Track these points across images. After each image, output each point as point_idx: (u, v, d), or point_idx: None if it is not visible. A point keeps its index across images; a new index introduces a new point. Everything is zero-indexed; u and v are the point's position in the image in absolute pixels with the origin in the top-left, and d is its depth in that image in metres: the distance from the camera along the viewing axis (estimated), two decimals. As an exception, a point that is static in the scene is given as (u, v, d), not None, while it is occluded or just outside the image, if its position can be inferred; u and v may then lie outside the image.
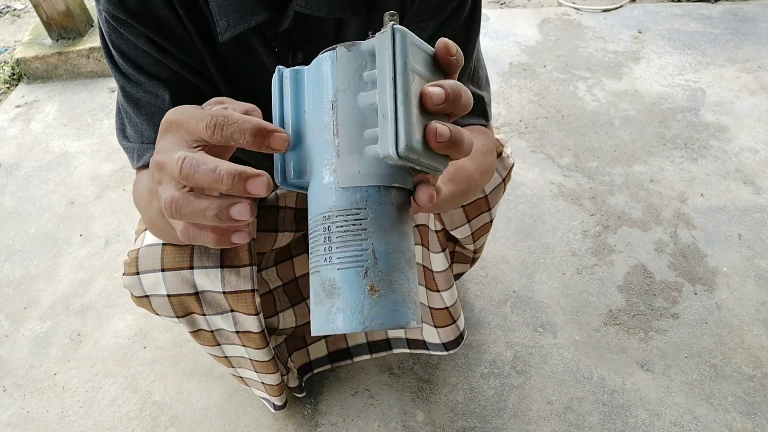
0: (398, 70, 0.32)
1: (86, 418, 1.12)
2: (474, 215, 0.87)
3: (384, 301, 0.33)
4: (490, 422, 1.06)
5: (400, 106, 0.32)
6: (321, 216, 0.35)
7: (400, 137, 0.32)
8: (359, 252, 0.33)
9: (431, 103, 0.33)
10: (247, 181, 0.32)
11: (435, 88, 0.33)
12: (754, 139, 1.66)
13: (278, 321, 0.92)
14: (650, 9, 2.33)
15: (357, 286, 0.33)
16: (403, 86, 0.32)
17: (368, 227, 0.34)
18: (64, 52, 2.14)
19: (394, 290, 0.34)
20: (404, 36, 0.32)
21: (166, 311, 0.74)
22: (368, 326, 0.33)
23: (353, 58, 0.34)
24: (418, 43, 0.34)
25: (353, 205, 0.34)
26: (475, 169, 0.64)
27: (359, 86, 0.34)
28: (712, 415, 1.04)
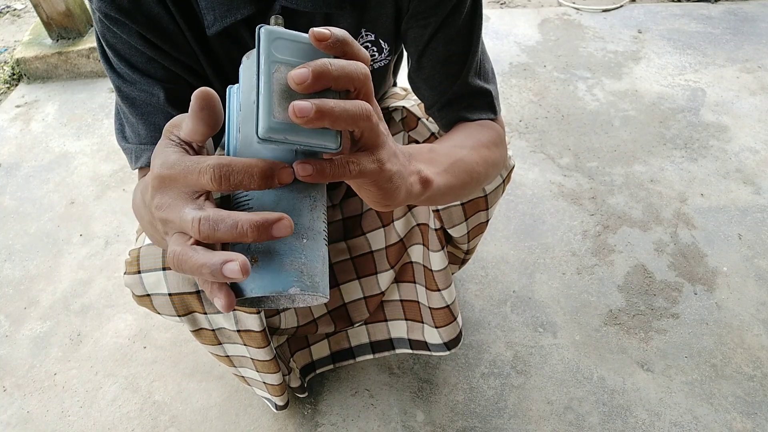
0: (261, 63, 0.35)
1: (86, 418, 1.12)
2: (471, 213, 0.87)
3: (262, 270, 0.37)
4: (490, 422, 1.06)
5: (261, 94, 0.35)
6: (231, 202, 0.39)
7: (260, 121, 0.34)
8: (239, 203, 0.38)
9: (294, 84, 0.34)
10: (272, 227, 0.33)
11: (297, 69, 0.34)
12: (754, 139, 1.66)
13: (280, 320, 0.92)
14: (650, 9, 2.33)
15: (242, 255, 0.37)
16: (264, 76, 0.35)
17: (254, 206, 0.37)
18: (64, 52, 2.14)
19: (273, 260, 0.37)
20: (268, 33, 0.35)
21: (168, 310, 0.74)
22: (248, 292, 0.37)
23: (250, 64, 0.37)
24: (290, 37, 0.36)
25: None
26: (476, 162, 0.64)
27: (252, 86, 0.37)
28: (712, 415, 1.04)
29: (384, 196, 0.43)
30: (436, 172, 0.53)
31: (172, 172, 0.35)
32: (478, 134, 0.69)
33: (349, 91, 0.37)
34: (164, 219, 0.36)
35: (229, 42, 0.65)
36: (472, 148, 0.64)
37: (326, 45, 0.35)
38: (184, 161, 0.35)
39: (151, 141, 0.65)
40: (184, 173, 0.34)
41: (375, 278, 0.95)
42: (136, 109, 0.64)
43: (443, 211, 0.85)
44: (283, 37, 0.36)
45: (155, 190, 0.36)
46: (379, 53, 0.72)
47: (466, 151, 0.63)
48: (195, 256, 0.34)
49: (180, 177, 0.35)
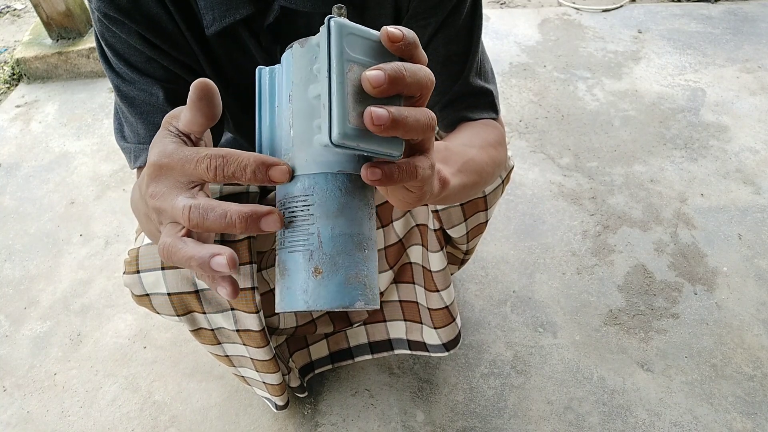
0: (333, 61, 0.32)
1: (86, 418, 1.12)
2: (471, 213, 0.87)
3: (327, 282, 0.35)
4: (490, 422, 1.06)
5: (334, 95, 0.32)
6: (278, 203, 0.37)
7: (333, 125, 0.32)
8: (306, 236, 0.35)
9: (369, 87, 0.33)
10: (260, 220, 0.33)
11: (372, 71, 0.33)
12: (754, 139, 1.66)
13: (278, 320, 0.92)
14: (650, 9, 2.33)
15: (302, 267, 0.36)
16: (337, 76, 0.32)
17: (315, 212, 0.35)
18: (64, 52, 2.14)
19: (338, 272, 0.35)
20: (340, 27, 0.33)
21: (167, 310, 0.74)
22: (311, 305, 0.35)
23: (305, 53, 0.35)
24: (360, 33, 0.34)
25: (302, 192, 0.36)
26: (486, 161, 0.64)
27: (310, 79, 0.35)
28: (712, 415, 1.04)
29: (420, 198, 0.42)
30: (452, 172, 0.53)
31: (169, 161, 0.35)
32: (484, 133, 0.69)
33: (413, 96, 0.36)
34: (158, 208, 0.36)
35: (229, 42, 0.65)
36: (481, 148, 0.65)
37: (398, 47, 0.34)
38: (181, 151, 0.35)
39: (149, 140, 0.65)
40: (181, 162, 0.34)
41: None
42: (135, 109, 0.64)
43: (442, 211, 0.85)
44: (354, 32, 0.33)
45: (150, 179, 0.36)
46: None
47: (476, 151, 0.63)
48: (184, 248, 0.34)
49: (177, 166, 0.34)
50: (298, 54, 0.35)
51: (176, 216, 0.34)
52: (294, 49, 0.36)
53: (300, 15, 0.64)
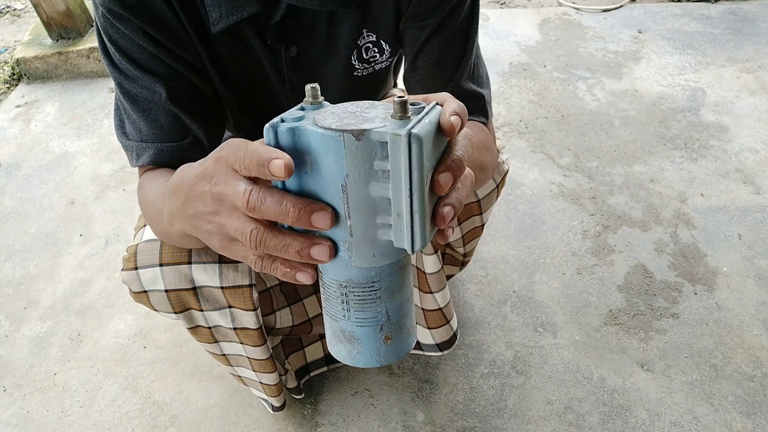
0: (414, 181, 0.32)
1: (86, 418, 1.12)
2: (465, 218, 0.87)
3: (396, 343, 0.39)
4: (490, 422, 1.06)
5: (416, 214, 0.33)
6: (337, 282, 0.37)
7: (416, 239, 0.34)
8: (374, 314, 0.38)
9: (441, 190, 0.34)
10: (312, 214, 0.33)
11: (444, 175, 0.34)
12: (754, 139, 1.66)
13: (275, 320, 0.92)
14: (650, 9, 2.33)
15: (374, 338, 0.39)
16: (419, 195, 0.32)
17: (382, 295, 0.38)
18: (64, 52, 2.14)
19: (403, 332, 0.40)
20: (420, 143, 0.31)
21: (164, 307, 0.74)
22: (383, 363, 0.39)
23: (363, 148, 0.32)
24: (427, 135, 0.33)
25: (369, 280, 0.37)
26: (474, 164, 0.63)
27: (370, 175, 0.33)
28: (712, 415, 1.04)
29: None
30: None
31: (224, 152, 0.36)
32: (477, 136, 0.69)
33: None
34: (218, 193, 0.36)
35: (232, 40, 0.65)
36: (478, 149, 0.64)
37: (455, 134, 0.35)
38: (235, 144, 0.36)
39: (152, 138, 0.65)
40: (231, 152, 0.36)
41: None
42: (137, 106, 0.64)
43: None
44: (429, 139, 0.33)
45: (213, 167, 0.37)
46: (380, 54, 0.72)
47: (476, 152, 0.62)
48: (280, 235, 0.35)
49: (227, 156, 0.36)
50: (354, 147, 0.32)
51: (235, 199, 0.35)
52: (346, 140, 0.32)
53: (306, 13, 0.64)
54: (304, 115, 0.35)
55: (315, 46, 0.68)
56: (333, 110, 0.36)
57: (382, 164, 0.33)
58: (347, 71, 0.72)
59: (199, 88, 0.67)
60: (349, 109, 0.36)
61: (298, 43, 0.67)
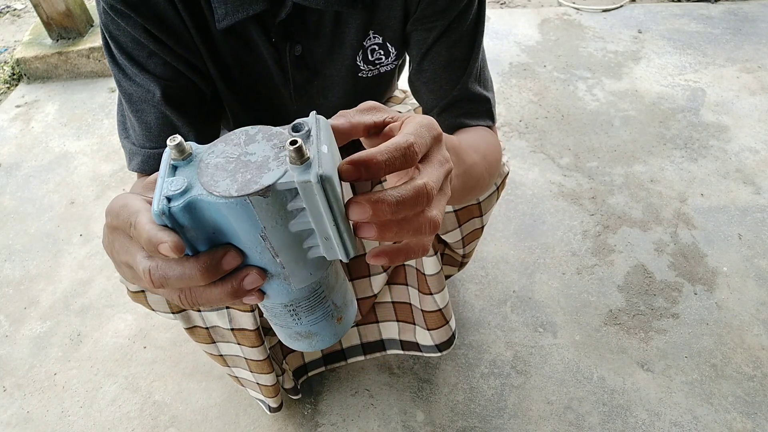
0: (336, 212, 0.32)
1: (86, 418, 1.12)
2: (465, 220, 0.87)
3: (346, 318, 0.42)
4: (490, 422, 1.06)
5: (344, 233, 0.33)
6: (281, 304, 0.38)
7: (348, 248, 0.34)
8: (324, 310, 0.40)
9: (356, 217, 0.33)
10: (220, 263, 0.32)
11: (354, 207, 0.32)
12: (754, 139, 1.66)
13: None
14: (650, 9, 2.33)
15: (329, 325, 0.41)
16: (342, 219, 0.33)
17: (326, 295, 0.40)
18: (64, 52, 2.14)
19: (349, 306, 0.43)
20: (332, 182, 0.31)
21: (162, 307, 0.74)
22: (339, 337, 0.42)
23: (273, 202, 0.31)
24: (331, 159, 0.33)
25: (312, 292, 0.38)
26: (485, 169, 0.64)
27: (286, 218, 0.33)
28: (712, 415, 1.04)
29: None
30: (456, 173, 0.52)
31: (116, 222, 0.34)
32: (486, 141, 0.69)
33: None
34: (126, 262, 0.35)
35: (236, 38, 0.65)
36: (484, 155, 0.64)
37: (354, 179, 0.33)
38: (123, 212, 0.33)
39: (141, 143, 0.65)
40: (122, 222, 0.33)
41: (368, 281, 0.95)
42: (132, 105, 0.64)
43: None
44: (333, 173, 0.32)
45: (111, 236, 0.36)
46: (386, 57, 0.72)
47: (479, 158, 0.62)
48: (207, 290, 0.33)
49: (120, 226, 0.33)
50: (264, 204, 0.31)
51: (143, 277, 0.33)
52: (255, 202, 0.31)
53: (312, 12, 0.64)
54: (186, 183, 0.32)
55: (320, 45, 0.68)
56: (214, 163, 0.33)
57: (296, 204, 0.32)
58: (352, 72, 0.72)
59: (198, 87, 0.67)
60: (230, 154, 0.33)
61: (303, 42, 0.67)
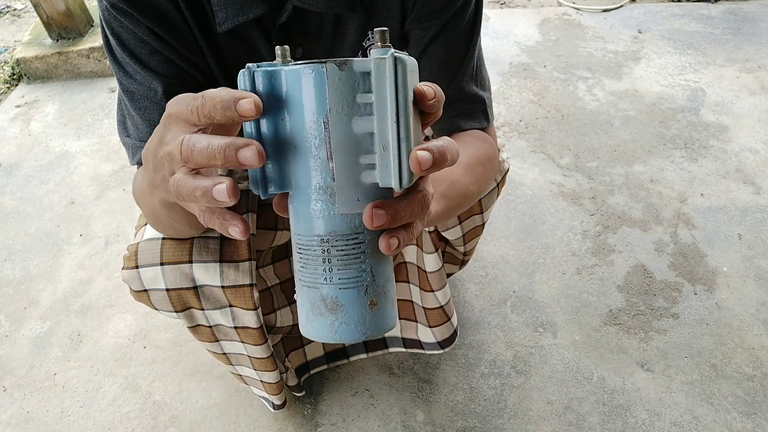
0: (400, 105, 0.31)
1: (86, 418, 1.12)
2: (465, 217, 0.88)
3: (381, 311, 0.36)
4: (490, 422, 1.06)
5: (403, 143, 0.32)
6: (317, 238, 0.35)
7: (403, 172, 0.32)
8: (360, 273, 0.35)
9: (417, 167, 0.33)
10: (238, 151, 0.32)
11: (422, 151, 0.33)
12: (754, 139, 1.66)
13: (275, 318, 0.92)
14: (650, 9, 2.33)
15: (359, 302, 0.36)
16: (405, 123, 0.32)
17: (366, 249, 0.35)
18: (64, 52, 2.14)
19: (387, 299, 0.37)
20: (405, 66, 0.31)
21: (165, 306, 0.74)
22: (369, 335, 0.36)
23: (346, 78, 0.32)
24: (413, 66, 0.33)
25: (353, 231, 0.34)
26: (471, 181, 0.64)
27: (353, 110, 0.32)
28: (712, 415, 1.04)
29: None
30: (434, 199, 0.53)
31: (175, 108, 0.36)
32: (473, 150, 0.70)
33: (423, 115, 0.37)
34: (168, 153, 0.36)
35: (238, 41, 0.65)
36: (467, 167, 0.65)
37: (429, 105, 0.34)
38: (185, 98, 0.36)
39: (147, 137, 0.65)
40: (182, 107, 0.35)
41: None
42: (134, 103, 0.64)
43: None
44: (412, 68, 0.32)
45: (163, 129, 0.37)
46: None
47: (461, 171, 0.63)
48: (191, 181, 0.35)
49: (178, 113, 0.36)
50: (336, 78, 0.31)
51: (175, 153, 0.35)
52: (329, 70, 0.31)
53: (312, 15, 0.64)
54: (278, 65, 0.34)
55: (320, 48, 0.68)
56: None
57: (365, 97, 0.32)
58: None
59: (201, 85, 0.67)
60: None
61: (304, 45, 0.67)
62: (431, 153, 0.33)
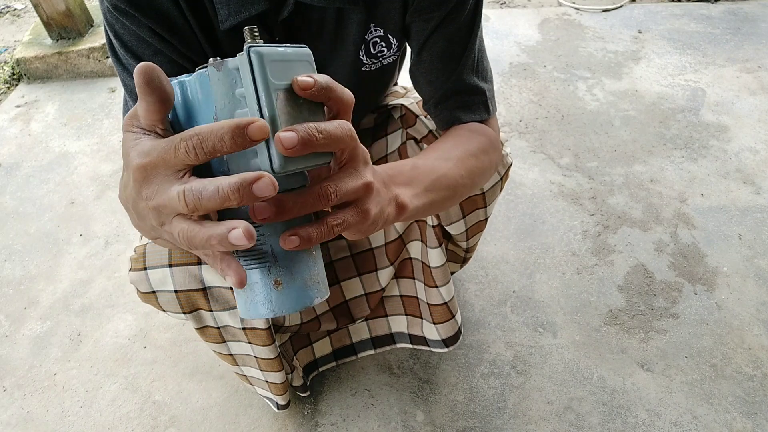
0: (261, 94, 0.33)
1: (86, 418, 1.12)
2: (469, 211, 0.88)
3: (288, 290, 0.39)
4: (490, 422, 1.06)
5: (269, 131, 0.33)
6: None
7: (273, 156, 0.34)
8: (261, 255, 0.38)
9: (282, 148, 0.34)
10: (252, 186, 0.32)
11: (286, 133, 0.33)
12: (754, 139, 1.66)
13: (283, 318, 0.92)
14: (650, 9, 2.33)
15: (264, 282, 0.38)
16: (269, 109, 0.33)
17: (265, 232, 0.37)
18: (64, 52, 2.14)
19: (296, 280, 0.39)
20: (260, 57, 0.33)
21: (173, 307, 0.74)
22: (278, 312, 0.38)
23: (224, 77, 0.34)
24: (280, 57, 0.35)
25: (247, 216, 0.36)
26: (461, 175, 0.64)
27: (234, 104, 0.35)
28: (712, 415, 1.04)
29: (361, 234, 0.44)
30: (415, 193, 0.54)
31: (149, 159, 0.34)
32: (467, 143, 0.70)
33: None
34: (156, 207, 0.35)
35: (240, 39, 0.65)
36: (458, 160, 0.65)
37: (310, 94, 0.35)
38: (158, 144, 0.34)
39: None
40: (162, 154, 0.34)
41: (375, 275, 0.95)
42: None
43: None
44: (276, 59, 0.34)
45: (140, 184, 0.36)
46: (387, 49, 0.72)
47: (451, 164, 0.63)
48: (202, 230, 0.34)
49: (159, 160, 0.34)
50: (216, 78, 0.34)
51: (174, 206, 0.34)
52: (210, 72, 0.35)
53: (313, 10, 0.64)
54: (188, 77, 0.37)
55: (323, 42, 0.68)
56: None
57: (241, 92, 0.34)
58: (355, 67, 0.72)
59: None
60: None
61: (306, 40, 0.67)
62: (295, 132, 0.33)
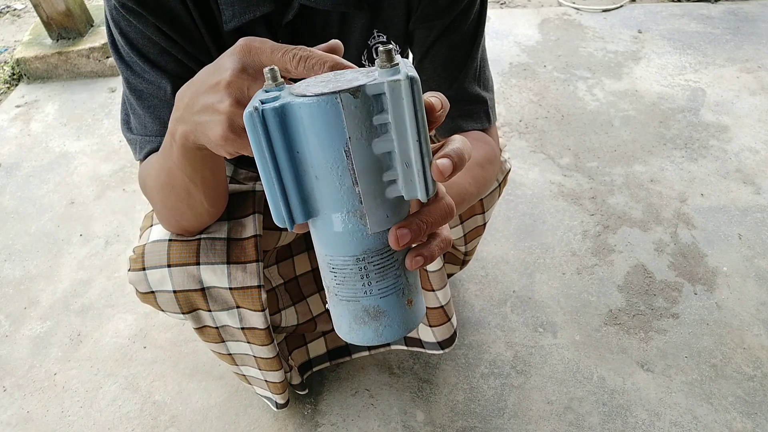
0: (420, 123, 0.32)
1: (86, 418, 1.12)
2: (467, 217, 0.88)
3: (416, 305, 0.39)
4: (490, 422, 1.06)
5: (425, 158, 0.33)
6: (352, 257, 0.36)
7: (429, 184, 0.34)
8: (396, 279, 0.37)
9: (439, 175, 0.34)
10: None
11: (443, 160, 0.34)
12: (754, 139, 1.66)
13: (280, 318, 0.92)
14: (650, 9, 2.33)
15: (398, 305, 0.38)
16: (425, 137, 0.33)
17: (398, 257, 0.37)
18: (64, 52, 2.14)
19: (418, 291, 0.39)
20: (419, 85, 0.32)
21: (172, 307, 0.74)
22: (409, 329, 0.39)
23: (362, 105, 0.32)
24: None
25: (386, 245, 0.36)
26: (469, 183, 0.64)
27: (371, 133, 0.33)
28: (712, 415, 1.04)
29: None
30: None
31: (262, 44, 0.39)
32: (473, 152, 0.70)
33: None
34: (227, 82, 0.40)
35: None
36: (466, 169, 0.65)
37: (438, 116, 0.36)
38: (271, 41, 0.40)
39: (157, 133, 0.65)
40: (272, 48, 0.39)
41: None
42: (143, 102, 0.64)
43: None
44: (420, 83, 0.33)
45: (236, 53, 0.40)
46: None
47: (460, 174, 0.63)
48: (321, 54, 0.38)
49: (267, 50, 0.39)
50: (352, 107, 0.31)
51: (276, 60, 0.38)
52: (344, 101, 0.31)
53: (318, 13, 0.64)
54: (280, 94, 0.33)
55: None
56: (306, 84, 0.34)
57: (381, 118, 0.32)
58: None
59: None
60: (322, 79, 0.35)
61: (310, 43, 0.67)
62: (450, 159, 0.34)
